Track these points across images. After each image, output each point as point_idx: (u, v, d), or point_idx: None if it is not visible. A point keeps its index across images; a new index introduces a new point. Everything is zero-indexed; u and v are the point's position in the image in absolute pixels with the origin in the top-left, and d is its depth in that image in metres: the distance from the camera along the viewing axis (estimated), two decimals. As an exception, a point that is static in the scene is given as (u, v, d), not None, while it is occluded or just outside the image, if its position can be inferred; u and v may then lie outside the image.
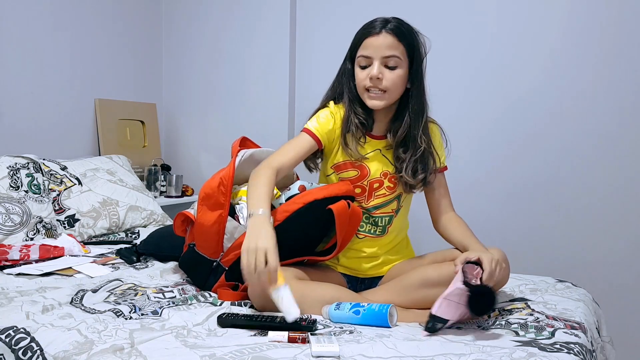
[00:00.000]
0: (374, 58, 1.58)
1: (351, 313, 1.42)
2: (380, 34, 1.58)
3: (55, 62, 2.75)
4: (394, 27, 1.59)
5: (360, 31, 1.63)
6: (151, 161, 3.11)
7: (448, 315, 1.35)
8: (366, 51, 1.59)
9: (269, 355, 1.17)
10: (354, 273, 1.73)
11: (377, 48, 1.58)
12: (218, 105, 3.24)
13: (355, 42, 1.64)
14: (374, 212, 1.69)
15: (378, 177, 1.67)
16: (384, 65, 1.58)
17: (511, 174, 2.61)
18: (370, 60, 1.59)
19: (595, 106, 2.45)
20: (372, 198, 1.68)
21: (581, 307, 1.59)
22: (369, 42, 1.59)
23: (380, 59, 1.58)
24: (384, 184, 1.68)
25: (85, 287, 1.63)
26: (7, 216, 2.05)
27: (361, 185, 1.67)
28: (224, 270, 1.63)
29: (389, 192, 1.69)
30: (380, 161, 1.67)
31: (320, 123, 1.66)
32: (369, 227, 1.70)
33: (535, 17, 2.53)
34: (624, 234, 2.43)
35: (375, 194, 1.68)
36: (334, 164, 1.68)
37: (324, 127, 1.65)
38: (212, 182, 1.66)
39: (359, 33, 1.63)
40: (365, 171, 1.66)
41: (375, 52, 1.58)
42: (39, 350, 1.21)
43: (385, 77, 1.58)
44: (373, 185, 1.67)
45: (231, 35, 3.17)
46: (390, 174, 1.68)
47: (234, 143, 1.80)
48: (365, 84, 1.60)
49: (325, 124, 1.66)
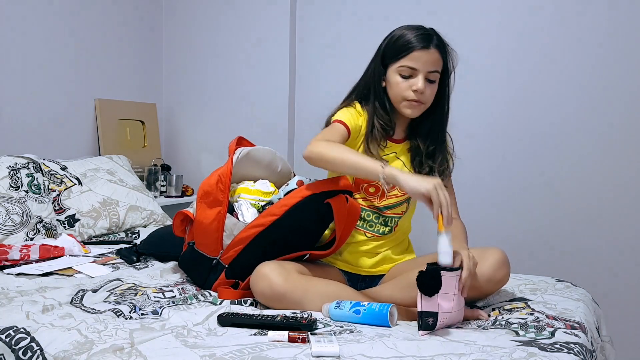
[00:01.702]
0: (419, 71, 1.59)
1: (351, 312, 1.42)
2: (430, 49, 1.59)
3: (55, 62, 2.75)
4: (441, 43, 1.62)
5: (406, 39, 1.60)
6: (151, 161, 3.11)
7: (434, 308, 1.35)
8: (413, 63, 1.59)
9: (269, 355, 1.17)
10: (354, 270, 1.74)
11: (425, 63, 1.59)
12: (218, 105, 3.24)
13: (400, 49, 1.60)
14: (385, 212, 1.72)
15: None
16: (427, 78, 1.60)
17: (511, 173, 2.61)
18: (415, 72, 1.60)
19: (594, 105, 2.45)
20: (384, 198, 1.70)
21: (581, 307, 1.59)
22: (418, 55, 1.58)
23: (426, 73, 1.59)
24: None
25: (86, 287, 1.63)
26: (7, 216, 2.05)
27: (376, 185, 1.69)
28: (224, 267, 1.63)
29: (401, 194, 1.71)
30: (396, 163, 1.70)
31: (351, 117, 1.65)
32: (378, 227, 1.72)
33: (532, 14, 2.53)
34: (624, 234, 2.43)
35: (387, 195, 1.70)
36: None
37: (355, 121, 1.65)
38: (210, 179, 1.67)
39: (406, 41, 1.60)
40: None
41: (423, 66, 1.59)
42: (39, 350, 1.21)
43: (426, 91, 1.61)
44: None
45: (231, 36, 3.17)
46: None
47: (231, 142, 1.81)
48: (406, 95, 1.61)
49: (355, 119, 1.65)
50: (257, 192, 1.79)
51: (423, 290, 1.35)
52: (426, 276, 1.35)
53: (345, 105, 1.70)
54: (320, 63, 2.99)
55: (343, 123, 1.62)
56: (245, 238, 1.60)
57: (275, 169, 1.90)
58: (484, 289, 1.56)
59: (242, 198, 1.77)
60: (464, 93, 2.67)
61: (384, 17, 2.81)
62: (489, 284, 1.54)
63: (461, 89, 2.66)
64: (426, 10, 2.70)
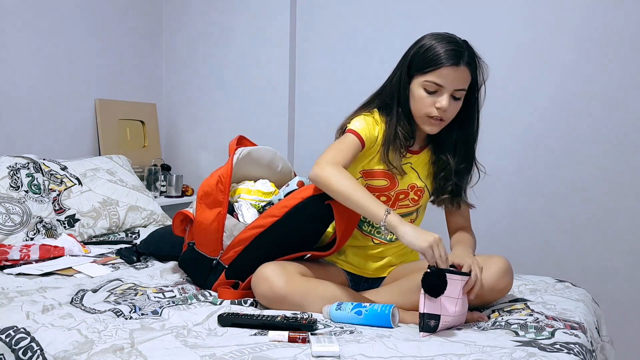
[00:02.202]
0: (445, 89, 1.52)
1: (353, 313, 1.42)
2: (460, 66, 1.50)
3: (55, 62, 2.75)
4: (471, 59, 1.53)
5: (435, 53, 1.51)
6: (151, 161, 3.11)
7: (436, 310, 1.35)
8: (441, 80, 1.51)
9: (269, 355, 1.17)
10: (358, 272, 1.74)
11: (453, 81, 1.51)
12: (218, 105, 3.24)
13: (428, 63, 1.52)
14: None
15: (405, 188, 1.67)
16: (452, 96, 1.53)
17: (510, 173, 2.61)
18: (441, 89, 1.52)
19: (596, 109, 2.45)
20: (395, 208, 1.67)
21: (581, 307, 1.59)
22: (447, 72, 1.50)
23: (452, 91, 1.52)
24: (409, 196, 1.68)
25: (86, 287, 1.63)
26: (7, 216, 2.05)
27: (387, 195, 1.66)
28: (224, 268, 1.63)
29: (412, 204, 1.69)
30: (411, 174, 1.66)
31: (367, 127, 1.59)
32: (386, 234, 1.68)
33: (540, 25, 2.53)
34: (624, 234, 2.43)
35: (398, 204, 1.68)
36: (365, 170, 1.65)
37: (370, 131, 1.59)
38: (210, 180, 1.67)
39: (435, 55, 1.51)
40: (395, 182, 1.64)
41: (449, 84, 1.51)
42: (39, 350, 1.21)
43: (449, 109, 1.54)
44: (399, 196, 1.67)
45: (231, 35, 3.16)
46: (417, 187, 1.68)
47: (231, 142, 1.81)
48: (429, 112, 1.55)
49: (371, 130, 1.59)
50: (258, 193, 1.79)
51: (428, 291, 1.34)
52: (432, 277, 1.34)
53: (362, 112, 1.63)
54: (320, 63, 2.99)
55: (357, 135, 1.57)
56: (245, 239, 1.60)
57: (275, 168, 1.90)
58: (485, 297, 1.53)
59: (242, 198, 1.77)
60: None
61: (385, 16, 2.81)
62: (491, 293, 1.52)
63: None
64: (428, 11, 2.70)
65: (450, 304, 1.36)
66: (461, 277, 1.39)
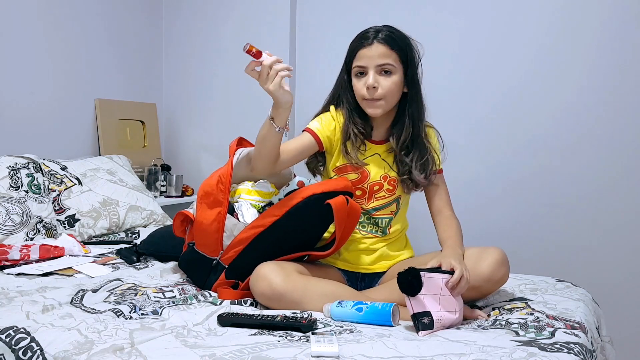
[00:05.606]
0: (368, 68, 1.63)
1: (354, 310, 1.42)
2: (373, 44, 1.62)
3: (56, 62, 2.75)
4: (386, 36, 1.63)
5: (353, 43, 1.68)
6: (151, 161, 3.11)
7: (424, 308, 1.36)
8: (361, 62, 1.64)
9: (269, 355, 1.17)
10: (353, 268, 1.75)
11: (371, 58, 1.62)
12: (218, 105, 3.24)
13: (350, 53, 1.68)
14: (374, 214, 1.73)
15: (378, 180, 1.72)
16: (379, 73, 1.62)
17: (510, 173, 2.61)
18: (365, 69, 1.64)
19: (595, 106, 2.45)
20: (372, 200, 1.72)
21: (581, 307, 1.59)
22: (363, 53, 1.63)
23: (375, 67, 1.62)
24: (383, 187, 1.72)
25: (86, 287, 1.63)
26: (7, 216, 2.05)
27: (362, 187, 1.71)
28: (224, 268, 1.63)
29: (388, 195, 1.73)
30: (379, 165, 1.72)
31: (323, 125, 1.71)
32: (370, 227, 1.74)
33: (526, 14, 2.53)
34: (624, 234, 2.43)
35: (375, 196, 1.72)
36: (336, 167, 1.73)
37: (326, 129, 1.70)
38: (210, 180, 1.68)
39: (352, 45, 1.67)
40: (365, 174, 1.71)
41: (369, 62, 1.62)
42: (39, 350, 1.21)
43: (380, 85, 1.62)
44: (373, 187, 1.72)
45: (231, 36, 3.16)
46: (390, 177, 1.72)
47: (232, 143, 1.81)
48: (362, 94, 1.65)
49: (327, 127, 1.70)
50: (258, 193, 1.79)
51: (404, 291, 1.37)
52: (405, 276, 1.37)
53: (321, 111, 1.76)
54: (320, 62, 2.99)
55: (311, 131, 1.69)
56: (245, 239, 1.60)
57: (275, 168, 1.90)
58: (483, 289, 1.56)
59: (243, 199, 1.77)
60: (458, 88, 2.69)
61: (385, 16, 2.80)
62: (488, 284, 1.55)
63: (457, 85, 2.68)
64: (421, 12, 2.70)
65: (433, 301, 1.37)
66: (438, 274, 1.40)
